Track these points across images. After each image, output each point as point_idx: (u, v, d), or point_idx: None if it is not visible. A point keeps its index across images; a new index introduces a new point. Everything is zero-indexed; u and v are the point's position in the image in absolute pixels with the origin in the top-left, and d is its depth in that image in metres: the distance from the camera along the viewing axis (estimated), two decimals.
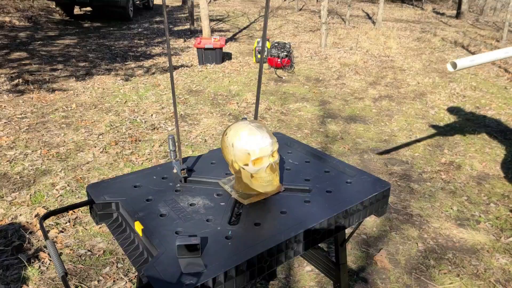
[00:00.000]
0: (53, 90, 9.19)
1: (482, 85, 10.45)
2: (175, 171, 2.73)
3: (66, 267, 4.00)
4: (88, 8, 22.74)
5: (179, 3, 28.62)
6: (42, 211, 4.81)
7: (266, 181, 2.37)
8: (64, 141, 6.70)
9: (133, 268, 3.96)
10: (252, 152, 2.29)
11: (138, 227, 2.15)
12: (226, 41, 14.61)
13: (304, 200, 2.42)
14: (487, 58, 3.75)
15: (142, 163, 5.99)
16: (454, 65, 3.68)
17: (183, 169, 2.60)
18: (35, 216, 4.74)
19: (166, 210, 2.29)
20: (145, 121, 7.62)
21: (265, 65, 11.63)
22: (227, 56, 12.73)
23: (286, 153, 3.10)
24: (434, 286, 3.94)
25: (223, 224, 2.17)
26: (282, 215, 2.26)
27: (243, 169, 2.34)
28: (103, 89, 9.49)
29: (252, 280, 1.99)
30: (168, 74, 10.69)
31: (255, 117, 2.88)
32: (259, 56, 11.84)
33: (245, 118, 3.02)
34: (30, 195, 5.17)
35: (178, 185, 2.59)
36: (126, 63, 11.69)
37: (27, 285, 3.81)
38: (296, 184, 2.62)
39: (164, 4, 2.23)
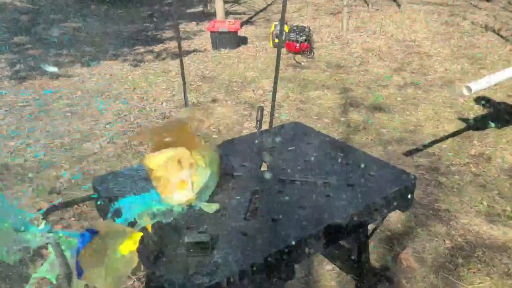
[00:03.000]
0: (57, 77, 9.22)
1: None
2: None
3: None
4: None
5: None
6: (45, 206, 4.82)
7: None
8: (69, 131, 6.72)
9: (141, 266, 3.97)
10: None
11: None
12: (242, 24, 14.55)
13: (325, 194, 2.42)
14: (504, 76, 3.67)
15: None
16: (469, 89, 3.61)
17: None
18: (38, 211, 4.75)
19: (178, 205, 2.28)
20: (155, 110, 7.62)
21: (283, 50, 11.58)
22: (242, 41, 12.69)
23: (305, 143, 3.10)
24: (463, 286, 3.93)
25: (239, 220, 2.17)
26: (301, 210, 2.26)
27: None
28: (110, 75, 9.51)
29: (269, 280, 1.99)
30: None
31: (272, 106, 2.88)
32: (276, 40, 11.80)
33: (262, 107, 3.02)
34: (33, 188, 5.19)
35: None
36: (134, 48, 11.70)
37: (29, 284, 3.82)
38: (316, 177, 2.61)
39: None
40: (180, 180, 2.21)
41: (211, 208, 2.27)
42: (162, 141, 2.33)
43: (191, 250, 1.92)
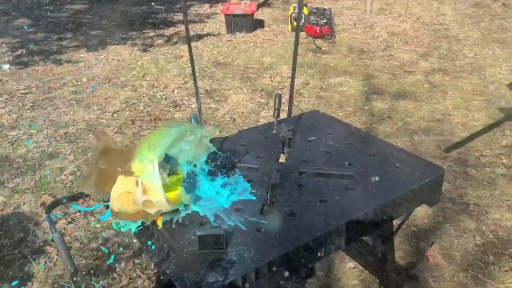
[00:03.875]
0: (61, 62, 9.26)
1: None
2: None
3: (76, 263, 4.03)
4: None
5: None
6: (49, 200, 4.85)
7: None
8: (74, 120, 6.74)
9: (152, 264, 3.97)
10: None
11: (158, 218, 2.16)
12: (258, 6, 14.54)
13: (346, 187, 2.41)
14: None
15: None
16: None
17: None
18: (41, 205, 4.77)
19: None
20: (165, 97, 7.64)
21: (302, 34, 11.56)
22: (259, 24, 12.68)
23: (326, 134, 3.09)
24: (493, 285, 3.91)
25: (254, 214, 2.17)
26: (321, 204, 2.25)
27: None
28: (118, 61, 9.54)
29: (287, 278, 1.99)
30: (193, 43, 10.68)
31: (291, 94, 2.87)
32: (295, 23, 11.78)
33: (279, 95, 3.01)
34: (35, 181, 5.21)
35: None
36: (144, 32, 11.73)
37: (32, 283, 3.83)
38: (337, 169, 2.61)
39: None
40: (142, 204, 2.16)
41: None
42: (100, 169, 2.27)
43: (204, 246, 1.92)
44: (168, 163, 2.19)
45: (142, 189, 2.05)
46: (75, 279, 1.79)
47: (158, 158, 2.07)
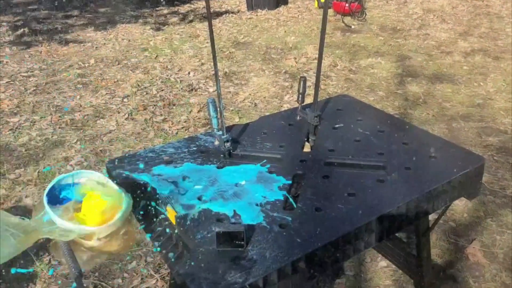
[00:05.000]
0: (67, 42, 9.29)
1: None
2: (217, 143, 2.72)
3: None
4: None
5: None
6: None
7: None
8: (80, 105, 6.76)
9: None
10: None
11: (170, 213, 2.16)
12: None
13: (377, 179, 2.40)
14: None
15: (177, 133, 6.01)
16: None
17: (227, 141, 2.59)
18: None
19: (205, 192, 2.29)
20: (180, 81, 7.64)
21: (330, 12, 11.52)
22: (282, 0, 12.65)
23: (355, 120, 3.07)
24: None
25: (277, 209, 2.16)
26: (350, 198, 2.24)
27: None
28: (129, 40, 9.55)
29: (313, 279, 1.97)
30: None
31: (317, 76, 2.85)
32: (322, 0, 11.74)
33: (304, 78, 2.99)
34: (38, 171, 5.21)
35: (221, 160, 2.60)
36: (157, 9, 11.74)
37: (34, 284, 3.83)
38: (367, 159, 2.59)
39: None
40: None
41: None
42: None
43: (222, 243, 1.90)
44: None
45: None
46: (79, 282, 1.77)
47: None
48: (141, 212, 2.24)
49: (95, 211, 2.09)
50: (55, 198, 2.15)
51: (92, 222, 2.03)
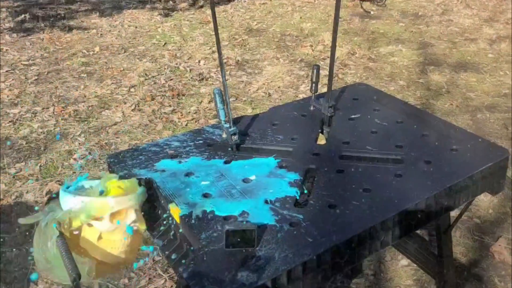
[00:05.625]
0: (70, 29, 9.29)
1: None
2: (225, 135, 2.69)
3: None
4: None
5: None
6: (56, 188, 4.83)
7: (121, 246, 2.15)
8: (85, 96, 6.74)
9: None
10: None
11: (174, 211, 2.13)
12: None
13: (395, 173, 2.36)
14: None
15: (186, 124, 5.99)
16: None
17: (235, 134, 2.56)
18: (47, 194, 4.76)
19: (212, 188, 2.27)
20: (190, 69, 7.62)
21: None
22: None
23: (372, 110, 3.04)
24: None
25: (288, 207, 2.13)
26: (366, 194, 2.21)
27: (89, 226, 2.10)
28: (136, 27, 9.55)
29: (326, 280, 1.95)
30: (222, 7, 10.67)
31: (331, 63, 2.80)
32: None
33: (317, 66, 2.96)
34: (40, 166, 5.20)
35: (229, 154, 2.57)
36: None
37: (36, 284, 3.81)
38: (385, 152, 2.56)
39: None
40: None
41: None
42: None
43: (232, 243, 1.88)
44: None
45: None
46: (77, 285, 1.74)
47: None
48: (144, 208, 2.22)
49: (113, 187, 2.15)
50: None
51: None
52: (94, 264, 2.08)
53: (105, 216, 2.03)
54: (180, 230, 2.08)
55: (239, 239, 1.87)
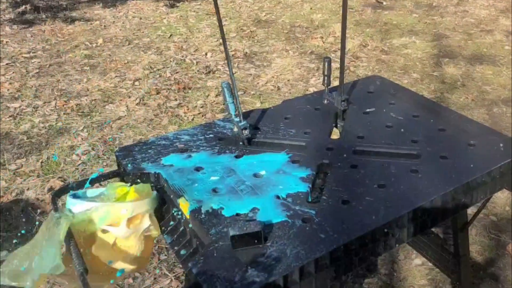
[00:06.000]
0: (72, 20, 9.29)
1: None
2: (236, 129, 2.70)
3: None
4: None
5: None
6: (58, 184, 4.84)
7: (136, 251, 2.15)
8: (88, 89, 6.74)
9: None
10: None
11: (184, 206, 2.14)
12: None
13: (411, 169, 2.36)
14: None
15: (192, 119, 6.00)
16: None
17: (245, 128, 2.56)
18: (48, 191, 4.77)
19: (222, 183, 2.28)
20: (197, 62, 7.62)
21: None
22: None
23: (387, 104, 3.04)
24: None
25: (300, 203, 2.13)
26: (380, 190, 2.21)
27: (104, 232, 2.11)
28: (140, 18, 9.55)
29: (339, 278, 1.95)
30: None
31: (342, 55, 2.81)
32: None
33: (329, 58, 2.96)
34: (42, 162, 5.21)
35: (240, 148, 2.58)
36: None
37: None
38: (400, 147, 2.56)
39: None
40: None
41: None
42: None
43: (238, 245, 1.88)
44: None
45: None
46: (84, 280, 1.75)
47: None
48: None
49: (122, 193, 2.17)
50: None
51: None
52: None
53: (121, 222, 2.04)
54: (190, 226, 2.09)
55: (245, 241, 1.88)
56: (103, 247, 2.05)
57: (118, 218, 2.04)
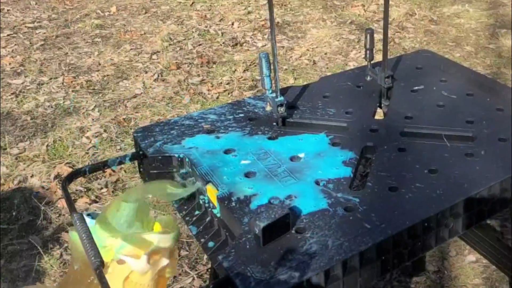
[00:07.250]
0: None
1: None
2: (269, 108, 2.72)
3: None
4: None
5: None
6: (66, 170, 4.84)
7: None
8: (99, 64, 6.76)
9: (204, 255, 3.94)
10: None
11: (212, 193, 2.17)
12: None
13: (465, 152, 2.37)
14: None
15: (217, 97, 6.00)
16: None
17: (282, 105, 2.58)
18: (55, 178, 4.77)
19: (254, 167, 2.29)
20: (222, 33, 7.61)
21: None
22: None
23: (438, 81, 3.04)
24: None
25: (342, 189, 2.15)
26: (432, 175, 2.22)
27: (120, 263, 2.05)
28: None
29: (385, 273, 1.96)
30: None
31: (385, 27, 2.82)
32: None
33: (371, 30, 2.97)
34: (47, 145, 5.21)
35: (274, 129, 2.59)
36: None
37: (42, 282, 3.80)
38: (453, 128, 2.57)
39: None
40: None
41: None
42: None
43: (268, 240, 1.87)
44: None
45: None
46: (100, 273, 1.76)
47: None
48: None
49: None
50: None
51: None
52: None
53: (143, 254, 1.99)
54: (218, 215, 2.12)
55: (274, 231, 1.88)
56: (114, 278, 1.99)
57: (139, 250, 2.00)
